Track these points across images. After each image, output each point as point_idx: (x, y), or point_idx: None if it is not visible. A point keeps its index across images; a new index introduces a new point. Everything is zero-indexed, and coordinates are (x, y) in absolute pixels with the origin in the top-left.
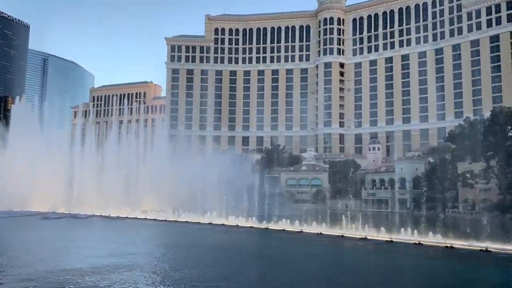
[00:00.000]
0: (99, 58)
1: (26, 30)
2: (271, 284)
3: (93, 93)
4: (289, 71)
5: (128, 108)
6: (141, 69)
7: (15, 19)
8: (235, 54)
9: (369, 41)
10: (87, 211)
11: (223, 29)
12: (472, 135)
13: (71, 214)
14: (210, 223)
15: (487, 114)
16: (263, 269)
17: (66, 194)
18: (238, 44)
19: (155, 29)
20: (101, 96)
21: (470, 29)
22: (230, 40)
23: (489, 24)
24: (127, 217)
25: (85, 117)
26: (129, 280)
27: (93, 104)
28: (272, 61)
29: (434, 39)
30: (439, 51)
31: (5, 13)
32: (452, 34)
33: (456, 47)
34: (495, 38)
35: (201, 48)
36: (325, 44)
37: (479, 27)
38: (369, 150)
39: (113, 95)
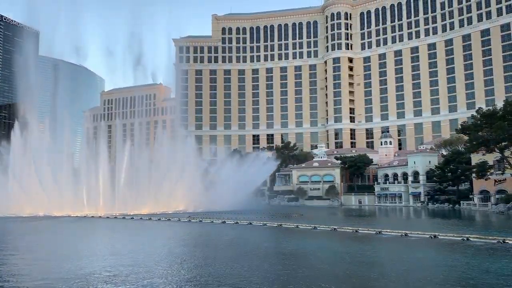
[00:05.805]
0: (107, 61)
1: (36, 37)
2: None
3: (104, 96)
4: (297, 68)
5: (139, 110)
6: (149, 70)
7: (25, 26)
8: (243, 52)
9: (378, 34)
10: (101, 213)
11: (230, 28)
12: (485, 125)
13: (90, 216)
14: (224, 222)
15: (500, 104)
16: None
17: (82, 198)
18: (245, 43)
19: (161, 30)
20: (112, 100)
21: (480, 19)
22: (237, 39)
23: (499, 12)
24: (150, 218)
25: (97, 120)
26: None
27: (104, 108)
28: (280, 58)
29: (444, 30)
30: (449, 42)
31: (15, 21)
32: (461, 24)
33: (466, 37)
34: (506, 27)
35: (209, 48)
36: (333, 39)
37: (489, 16)
38: (381, 144)
39: (123, 98)
